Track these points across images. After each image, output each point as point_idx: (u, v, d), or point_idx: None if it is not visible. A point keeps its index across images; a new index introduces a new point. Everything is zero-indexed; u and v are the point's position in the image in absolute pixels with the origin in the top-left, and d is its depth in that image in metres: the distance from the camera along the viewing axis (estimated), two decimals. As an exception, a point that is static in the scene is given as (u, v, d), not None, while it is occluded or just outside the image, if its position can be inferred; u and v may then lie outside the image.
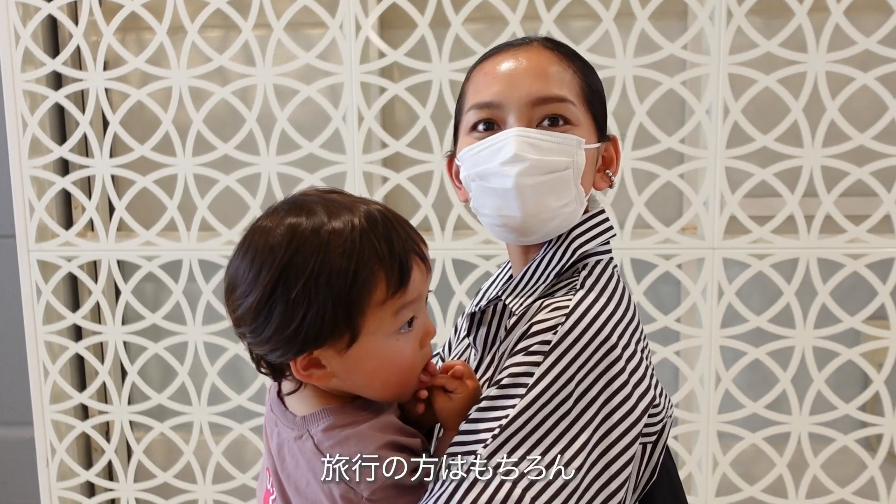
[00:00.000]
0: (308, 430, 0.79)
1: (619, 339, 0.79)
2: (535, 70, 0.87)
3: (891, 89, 1.73)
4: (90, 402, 2.08)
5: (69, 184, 1.98)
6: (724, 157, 1.78)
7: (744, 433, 1.87)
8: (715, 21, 1.75)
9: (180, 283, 1.96)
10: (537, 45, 0.90)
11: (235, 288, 0.76)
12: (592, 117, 0.90)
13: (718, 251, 1.81)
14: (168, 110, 1.91)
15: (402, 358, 0.79)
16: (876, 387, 1.83)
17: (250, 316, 0.75)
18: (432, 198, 1.86)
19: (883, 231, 1.80)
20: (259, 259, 0.74)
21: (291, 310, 0.73)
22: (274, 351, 0.76)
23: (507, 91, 0.86)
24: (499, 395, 0.77)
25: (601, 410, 0.76)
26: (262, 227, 0.76)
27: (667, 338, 1.98)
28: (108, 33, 1.89)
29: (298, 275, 0.73)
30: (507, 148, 0.84)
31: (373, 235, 0.75)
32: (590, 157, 0.89)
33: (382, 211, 0.78)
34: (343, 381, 0.79)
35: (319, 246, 0.73)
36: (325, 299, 0.73)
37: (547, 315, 0.80)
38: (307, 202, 0.77)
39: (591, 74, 0.92)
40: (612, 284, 0.86)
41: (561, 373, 0.76)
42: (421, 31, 1.82)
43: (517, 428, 0.75)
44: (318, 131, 1.88)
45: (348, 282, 0.73)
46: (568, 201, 0.86)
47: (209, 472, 2.05)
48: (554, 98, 0.86)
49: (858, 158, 1.76)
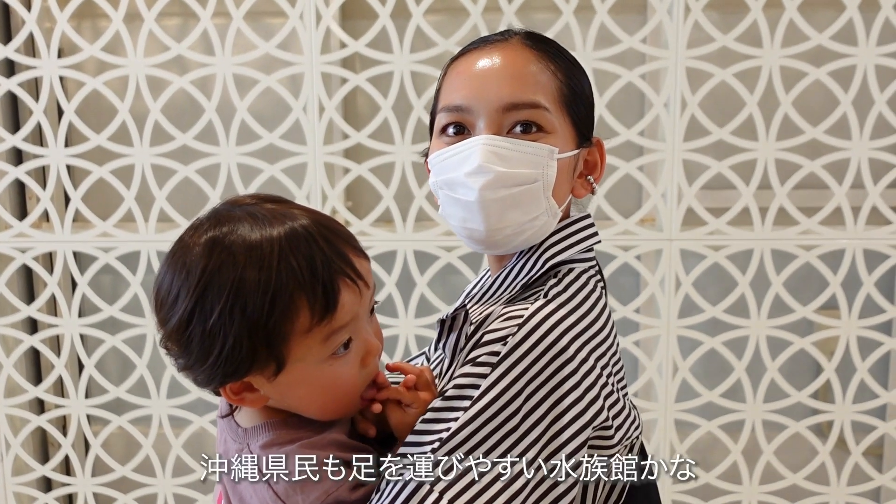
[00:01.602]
0: (248, 445, 0.77)
1: (576, 353, 0.75)
2: (508, 72, 0.81)
3: (843, 84, 1.77)
4: (46, 396, 2.04)
5: (23, 173, 1.94)
6: (681, 149, 1.81)
7: (700, 421, 1.91)
8: (673, 15, 1.77)
9: (138, 275, 1.94)
10: (517, 41, 0.85)
11: (160, 307, 0.74)
12: (571, 122, 0.84)
13: (676, 242, 1.84)
14: (125, 99, 1.88)
15: (339, 382, 0.75)
16: (827, 375, 1.88)
17: (173, 340, 0.73)
18: (394, 189, 1.86)
19: (834, 223, 1.84)
20: (178, 281, 0.72)
21: (209, 341, 0.70)
22: (199, 380, 0.73)
23: (478, 95, 0.81)
24: (443, 406, 0.74)
25: (549, 429, 0.72)
26: (183, 244, 0.73)
27: (626, 328, 2.01)
28: (62, 20, 1.85)
29: (214, 302, 0.69)
30: (472, 158, 0.80)
31: (293, 258, 0.69)
32: (566, 166, 0.84)
33: (308, 226, 0.72)
34: (279, 403, 0.76)
35: (235, 268, 0.69)
36: (241, 330, 0.69)
37: (500, 325, 0.76)
38: (230, 216, 0.73)
39: (574, 75, 0.86)
40: (580, 295, 0.80)
41: (508, 386, 0.72)
42: (382, 22, 1.81)
43: (459, 442, 0.71)
44: (278, 122, 1.86)
45: (265, 310, 0.69)
46: (537, 215, 0.82)
47: (169, 465, 2.03)
48: (526, 104, 0.80)
49: (811, 152, 1.80)
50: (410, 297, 1.91)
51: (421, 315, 1.92)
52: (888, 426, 1.91)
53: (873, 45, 1.76)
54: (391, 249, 1.89)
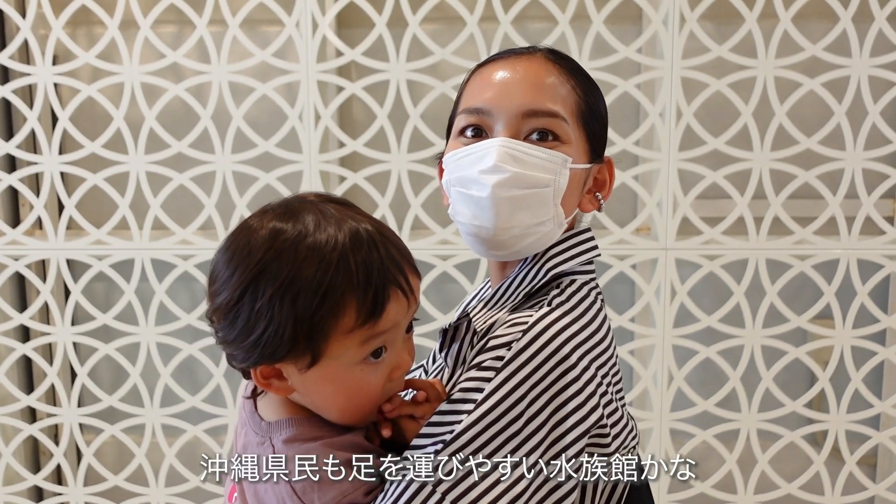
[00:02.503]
0: (270, 438, 0.78)
1: (577, 362, 0.76)
2: (530, 81, 0.84)
3: (836, 95, 1.79)
4: (38, 405, 2.03)
5: (16, 181, 1.93)
6: (676, 159, 1.82)
7: (695, 430, 1.91)
8: (668, 26, 1.78)
9: (132, 283, 1.93)
10: (540, 55, 0.88)
11: (213, 281, 0.76)
12: (586, 136, 0.87)
13: (671, 252, 1.84)
14: (120, 106, 1.87)
15: (364, 389, 0.76)
16: (821, 384, 1.88)
17: (220, 315, 0.75)
18: (389, 198, 1.86)
19: (828, 233, 1.85)
20: (236, 260, 0.73)
21: (254, 320, 0.72)
22: (235, 355, 0.75)
23: (499, 99, 0.84)
24: (448, 409, 0.76)
25: (551, 432, 0.74)
26: (248, 227, 0.75)
27: (621, 337, 2.01)
28: (57, 27, 1.85)
29: (266, 287, 0.71)
30: (488, 157, 0.82)
31: (352, 258, 0.72)
32: (576, 177, 0.86)
33: (372, 231, 0.74)
34: (302, 398, 0.78)
35: (294, 261, 0.71)
36: (286, 317, 0.71)
37: (505, 331, 0.78)
38: (299, 209, 0.75)
39: (592, 93, 0.89)
40: (582, 305, 0.82)
41: (512, 390, 0.74)
42: (378, 31, 1.81)
43: (463, 443, 0.73)
44: (273, 130, 1.86)
45: (314, 305, 0.70)
46: (544, 220, 0.84)
47: (162, 474, 2.01)
48: (544, 112, 0.83)
49: (805, 162, 1.81)
50: (406, 305, 1.90)
51: (417, 324, 1.91)
52: (882, 436, 1.91)
53: (867, 56, 1.77)
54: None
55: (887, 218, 1.96)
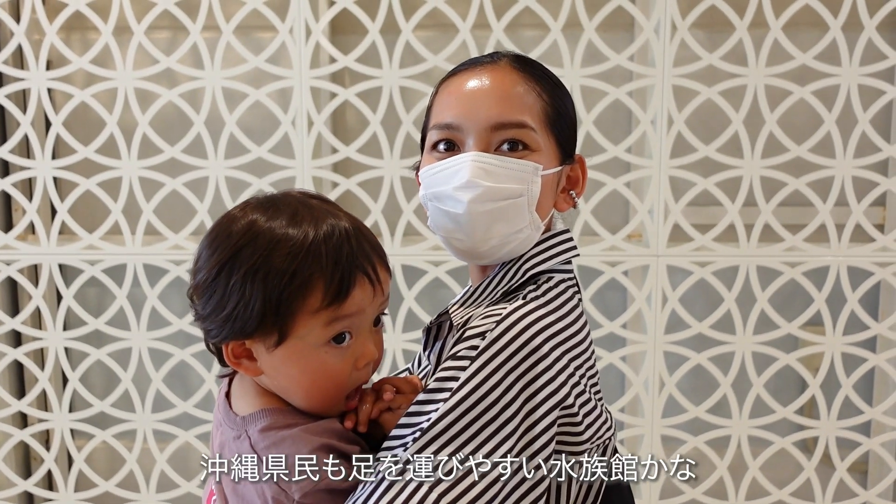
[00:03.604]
0: (246, 430, 0.80)
1: (549, 352, 0.79)
2: (497, 93, 0.86)
3: (826, 103, 1.80)
4: (29, 410, 2.02)
5: (9, 185, 1.93)
6: (668, 166, 1.82)
7: (686, 437, 1.91)
8: (660, 34, 1.79)
9: (124, 288, 1.93)
10: (505, 63, 0.89)
11: (196, 261, 0.81)
12: (555, 141, 0.89)
13: (662, 258, 1.85)
14: (113, 112, 1.87)
15: (329, 372, 0.79)
16: (812, 391, 1.89)
17: (199, 291, 0.80)
18: (382, 203, 1.87)
19: (819, 240, 1.86)
20: (216, 242, 0.79)
21: (228, 296, 0.77)
22: (209, 330, 0.80)
23: (468, 114, 0.86)
24: (425, 399, 0.78)
25: (525, 420, 0.76)
26: (231, 215, 0.80)
27: (613, 343, 2.01)
28: (51, 32, 1.85)
29: (241, 265, 0.76)
30: (461, 172, 0.84)
31: (323, 246, 0.76)
32: (549, 182, 0.88)
33: (347, 227, 0.79)
34: (270, 380, 0.81)
35: (269, 244, 0.76)
36: (256, 294, 0.75)
37: (480, 322, 0.80)
38: (280, 203, 0.80)
39: (559, 96, 0.90)
40: (558, 300, 0.85)
41: (485, 378, 0.76)
42: (372, 38, 1.82)
43: (438, 431, 0.75)
44: (266, 135, 1.86)
45: (283, 283, 0.75)
46: (521, 227, 0.86)
47: (153, 480, 2.01)
48: (513, 123, 0.85)
49: (796, 169, 1.82)
50: (398, 311, 1.91)
51: (408, 329, 1.92)
52: (873, 442, 1.92)
53: (856, 64, 1.78)
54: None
55: (877, 225, 1.97)
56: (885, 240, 1.84)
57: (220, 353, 0.82)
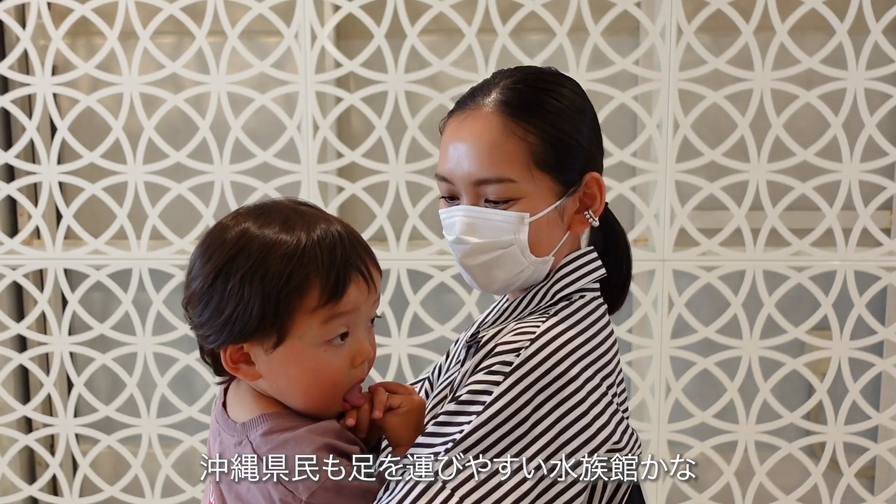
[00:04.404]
0: (247, 436, 0.80)
1: (581, 372, 0.81)
2: (476, 148, 0.86)
3: (833, 107, 1.79)
4: (34, 415, 2.02)
5: (14, 190, 1.93)
6: (674, 170, 1.82)
7: (693, 442, 1.90)
8: (665, 38, 1.79)
9: (129, 293, 1.93)
10: (491, 105, 0.87)
11: (190, 270, 0.82)
12: (549, 177, 0.87)
13: (669, 263, 1.85)
14: (119, 117, 1.87)
15: (327, 370, 0.80)
16: (819, 396, 1.88)
17: (194, 300, 0.80)
18: (387, 208, 1.86)
19: (825, 244, 1.85)
20: (210, 250, 0.80)
21: (226, 300, 0.78)
22: (207, 336, 0.80)
23: (454, 170, 0.88)
24: (457, 410, 0.79)
25: (555, 440, 0.77)
26: (223, 224, 0.82)
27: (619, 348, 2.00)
28: (57, 37, 1.86)
29: (238, 269, 0.77)
30: (454, 227, 0.89)
31: (318, 246, 0.78)
32: (545, 221, 0.88)
33: (339, 230, 0.81)
34: (269, 384, 0.82)
35: (263, 248, 0.78)
36: (255, 296, 0.77)
37: (513, 337, 0.82)
38: (270, 210, 0.81)
39: (555, 124, 0.87)
40: (588, 320, 0.87)
41: (518, 395, 0.77)
42: (377, 42, 1.82)
43: (471, 443, 0.76)
44: (272, 140, 1.86)
45: (280, 283, 0.77)
46: (521, 270, 0.88)
47: (158, 485, 2.01)
48: (493, 180, 0.86)
49: (802, 174, 1.82)
50: (403, 315, 1.90)
51: (414, 334, 1.91)
52: (880, 448, 1.91)
53: (863, 68, 1.78)
54: (384, 268, 1.88)
55: (884, 230, 1.96)
56: (893, 244, 1.83)
57: (216, 361, 0.83)
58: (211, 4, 1.82)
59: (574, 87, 0.92)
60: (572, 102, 0.90)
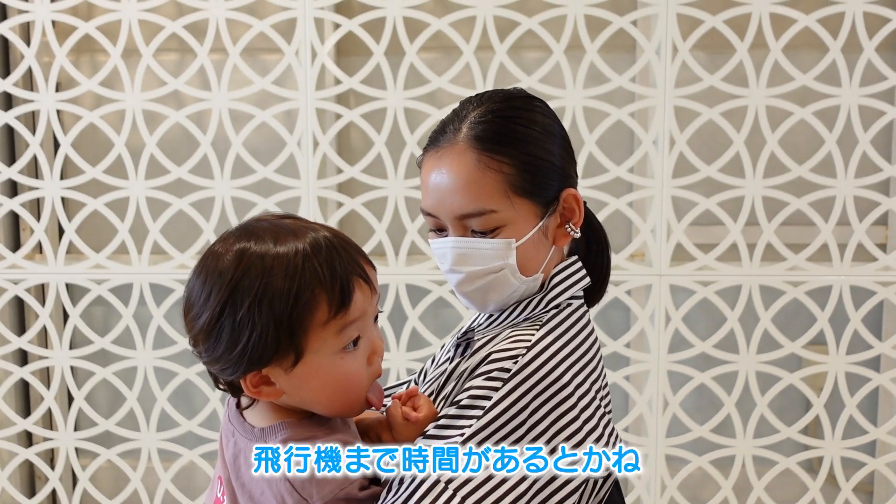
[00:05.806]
0: (266, 442, 0.82)
1: (572, 379, 0.86)
2: (455, 185, 0.89)
3: (827, 123, 1.81)
4: (34, 429, 2.03)
5: (17, 205, 1.95)
6: (670, 186, 1.84)
7: (691, 456, 1.91)
8: (661, 55, 1.81)
9: (130, 307, 1.94)
10: (463, 141, 0.89)
11: (191, 308, 0.81)
12: (529, 200, 0.90)
13: (665, 278, 1.86)
14: (121, 133, 1.90)
15: (348, 375, 0.82)
16: (816, 410, 1.88)
17: (202, 336, 0.80)
18: (386, 223, 1.88)
19: (821, 259, 1.86)
20: (210, 282, 0.79)
21: (238, 331, 0.77)
22: (224, 370, 0.80)
23: (437, 206, 0.91)
24: (457, 414, 0.83)
25: (551, 441, 0.82)
26: (214, 252, 0.81)
27: (616, 363, 2.01)
28: (61, 54, 1.88)
29: (244, 298, 0.77)
30: (446, 258, 0.92)
31: (315, 260, 0.79)
32: (531, 242, 0.91)
33: (329, 237, 0.81)
34: (292, 398, 0.82)
35: (264, 271, 0.78)
36: (267, 321, 0.77)
37: (509, 345, 0.86)
38: (257, 228, 0.82)
39: (527, 150, 0.90)
40: (576, 327, 0.92)
41: (517, 400, 0.82)
42: (376, 59, 1.84)
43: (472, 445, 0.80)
44: (272, 156, 1.88)
45: (290, 304, 0.77)
46: (514, 290, 0.92)
47: (157, 499, 2.01)
48: (475, 213, 0.89)
49: (797, 189, 1.83)
50: (402, 330, 1.91)
51: (412, 349, 1.92)
52: (878, 462, 1.91)
53: (856, 85, 1.80)
54: (383, 283, 1.90)
55: (879, 245, 1.98)
56: (888, 259, 1.85)
57: (234, 387, 0.83)
58: (213, 22, 1.85)
59: (542, 109, 0.94)
60: (542, 126, 0.92)
